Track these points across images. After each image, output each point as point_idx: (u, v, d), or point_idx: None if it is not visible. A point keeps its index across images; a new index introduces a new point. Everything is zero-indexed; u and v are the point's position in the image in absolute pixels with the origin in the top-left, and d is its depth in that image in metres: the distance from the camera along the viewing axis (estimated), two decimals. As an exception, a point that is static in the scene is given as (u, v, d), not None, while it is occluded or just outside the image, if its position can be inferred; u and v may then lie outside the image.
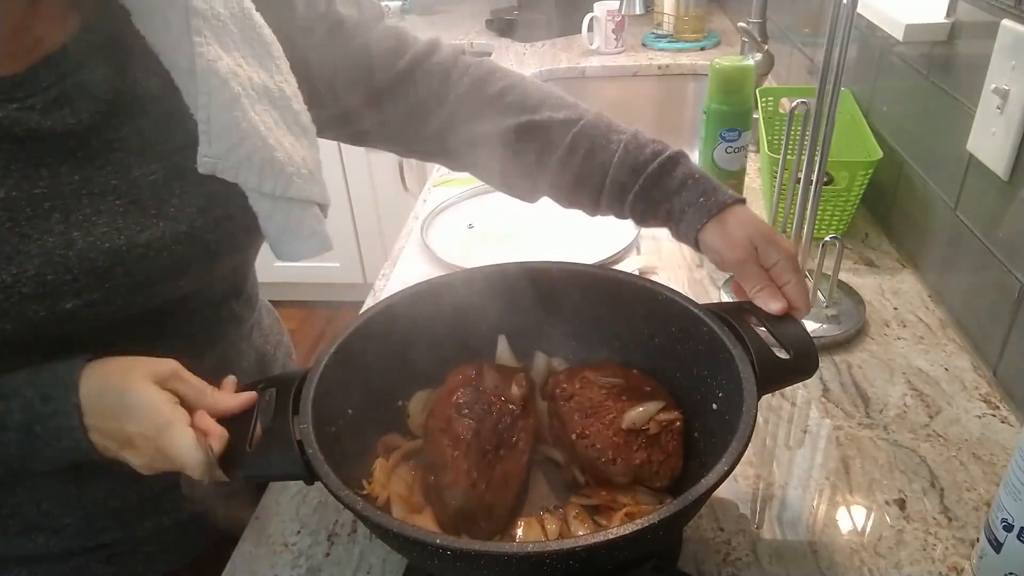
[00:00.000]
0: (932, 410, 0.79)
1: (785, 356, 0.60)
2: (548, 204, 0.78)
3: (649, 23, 2.25)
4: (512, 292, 0.70)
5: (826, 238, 0.87)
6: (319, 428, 0.54)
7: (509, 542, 0.58)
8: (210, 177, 0.62)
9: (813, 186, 0.86)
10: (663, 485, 0.61)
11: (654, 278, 0.85)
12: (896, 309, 0.95)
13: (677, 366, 0.67)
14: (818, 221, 1.04)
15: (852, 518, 0.67)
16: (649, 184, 0.68)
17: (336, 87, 0.72)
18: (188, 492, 0.58)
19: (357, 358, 0.63)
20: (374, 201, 2.63)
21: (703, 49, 2.05)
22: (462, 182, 1.31)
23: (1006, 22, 0.77)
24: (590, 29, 2.06)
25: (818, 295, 0.92)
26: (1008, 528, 0.56)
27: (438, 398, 0.65)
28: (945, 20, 0.91)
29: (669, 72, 1.98)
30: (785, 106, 1.28)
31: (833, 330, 0.89)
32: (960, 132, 0.86)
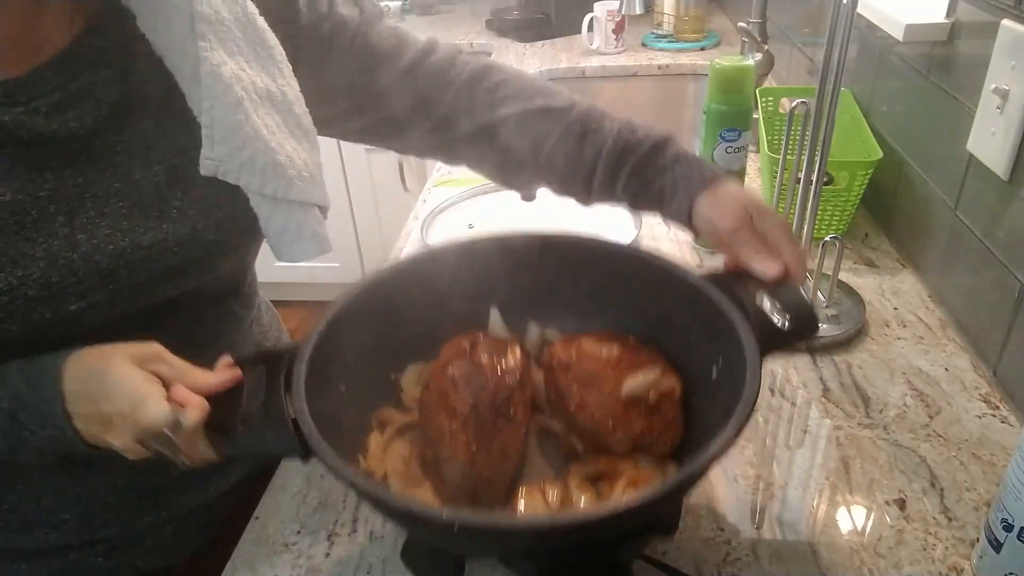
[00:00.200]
0: (932, 410, 0.79)
1: (784, 321, 0.59)
2: (548, 204, 0.78)
3: (649, 23, 2.25)
4: (504, 263, 0.69)
5: (826, 238, 0.87)
6: (312, 404, 0.52)
7: (512, 513, 0.57)
8: (212, 179, 0.62)
9: (813, 186, 0.86)
10: (664, 452, 0.61)
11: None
12: (896, 309, 0.95)
13: (674, 334, 0.66)
14: (818, 221, 1.04)
15: (852, 518, 0.67)
16: (642, 163, 0.69)
17: (338, 87, 0.72)
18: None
19: (348, 333, 0.61)
20: (374, 201, 2.63)
21: (703, 49, 2.05)
22: (462, 182, 1.31)
23: (1006, 22, 0.77)
24: (590, 29, 2.06)
25: (818, 295, 0.92)
26: (1008, 528, 0.56)
27: (433, 371, 0.63)
28: (945, 20, 0.91)
29: (669, 72, 1.98)
30: (785, 106, 1.28)
31: (833, 330, 0.89)
32: (960, 132, 0.86)
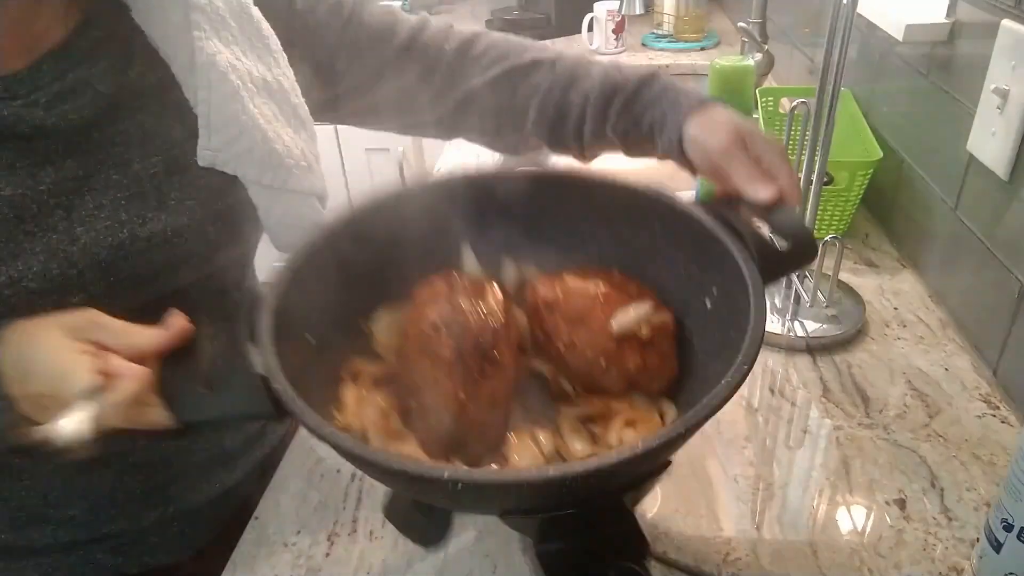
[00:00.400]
0: (932, 410, 0.79)
1: (782, 246, 0.56)
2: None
3: (649, 23, 2.24)
4: (475, 200, 0.64)
5: (826, 238, 0.87)
6: (281, 359, 0.48)
7: (505, 462, 0.54)
8: (210, 170, 0.62)
9: (813, 186, 0.86)
10: (659, 389, 0.58)
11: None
12: (896, 309, 0.95)
13: (662, 265, 0.62)
14: (818, 221, 1.04)
15: (852, 518, 0.67)
16: (629, 100, 0.68)
17: (335, 68, 0.72)
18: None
19: (313, 279, 0.56)
20: (374, 201, 2.63)
21: (703, 49, 2.05)
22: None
23: (1006, 22, 0.77)
24: (590, 29, 2.06)
25: (818, 295, 0.92)
26: (1008, 528, 0.56)
27: (410, 317, 0.59)
28: (945, 20, 0.91)
29: (669, 72, 1.97)
30: (785, 106, 1.28)
31: (833, 330, 0.89)
32: (960, 132, 0.86)
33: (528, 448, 0.55)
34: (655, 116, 0.66)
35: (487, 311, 0.57)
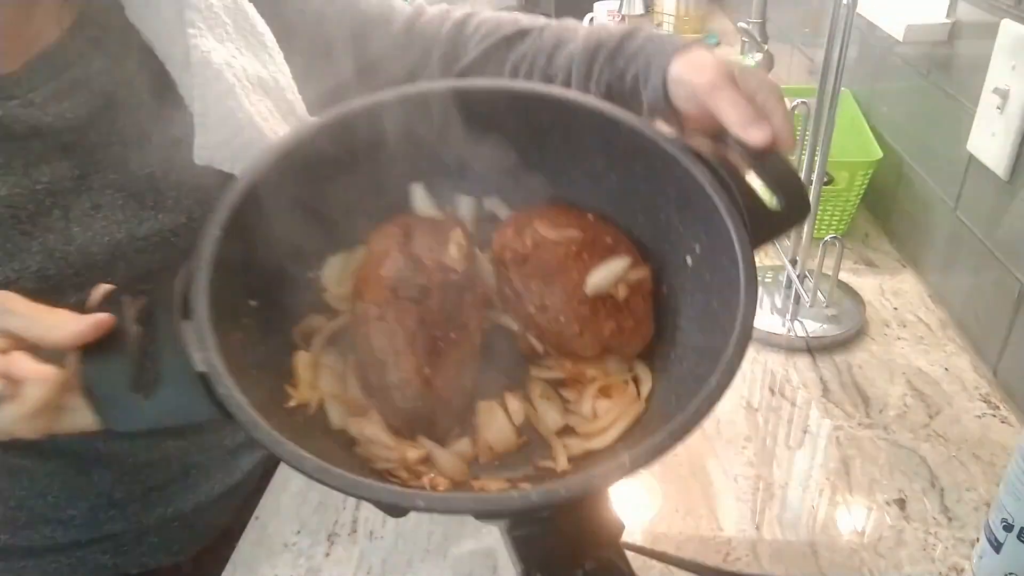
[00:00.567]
0: (932, 410, 0.79)
1: (773, 201, 0.50)
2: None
3: (649, 23, 2.25)
4: (427, 122, 0.55)
5: (826, 238, 0.87)
6: (222, 341, 0.41)
7: (472, 433, 0.50)
8: (207, 168, 0.62)
9: (813, 186, 0.86)
10: (634, 353, 0.54)
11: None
12: (896, 309, 0.95)
13: (640, 209, 0.55)
14: (818, 221, 1.04)
15: (852, 518, 0.67)
16: (613, 54, 0.66)
17: (332, 58, 0.72)
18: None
19: (249, 234, 0.48)
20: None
21: (703, 49, 2.05)
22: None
23: (1006, 22, 0.77)
24: (590, 29, 2.06)
25: (818, 295, 0.92)
26: (1008, 528, 0.56)
27: (363, 273, 0.52)
28: (945, 20, 0.91)
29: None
30: (785, 106, 1.28)
31: (833, 330, 0.89)
32: (960, 132, 0.86)
33: (497, 417, 0.51)
34: (639, 66, 0.63)
35: (449, 264, 0.52)
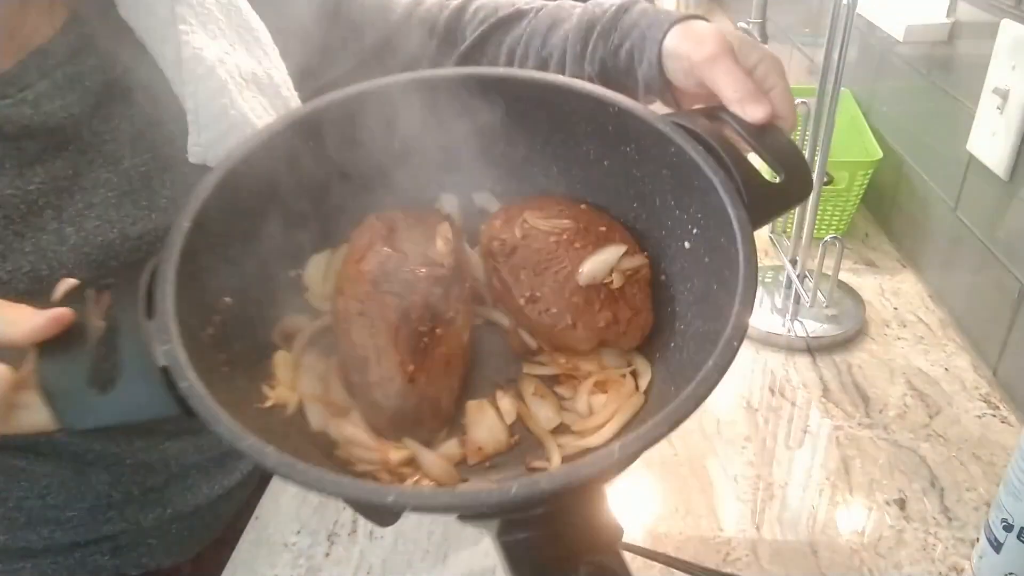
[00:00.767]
0: (932, 410, 0.79)
1: (773, 177, 0.48)
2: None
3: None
4: (412, 113, 0.54)
5: (826, 238, 0.87)
6: (189, 336, 0.39)
7: (461, 434, 0.48)
8: (201, 167, 0.62)
9: (813, 186, 0.86)
10: (631, 344, 0.51)
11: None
12: (896, 309, 0.95)
13: (635, 196, 0.53)
14: (818, 221, 1.04)
15: (852, 518, 0.67)
16: (607, 29, 0.64)
17: (330, 51, 0.72)
18: None
19: (226, 228, 0.46)
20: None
21: (703, 49, 2.05)
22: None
23: (1006, 22, 0.77)
24: (590, 29, 2.06)
25: (818, 295, 0.92)
26: (1008, 528, 0.56)
27: (345, 269, 0.50)
28: (945, 20, 0.91)
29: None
30: (785, 106, 1.28)
31: (833, 330, 0.89)
32: (960, 132, 0.86)
33: (488, 416, 0.49)
34: (633, 40, 0.61)
35: (435, 258, 0.50)
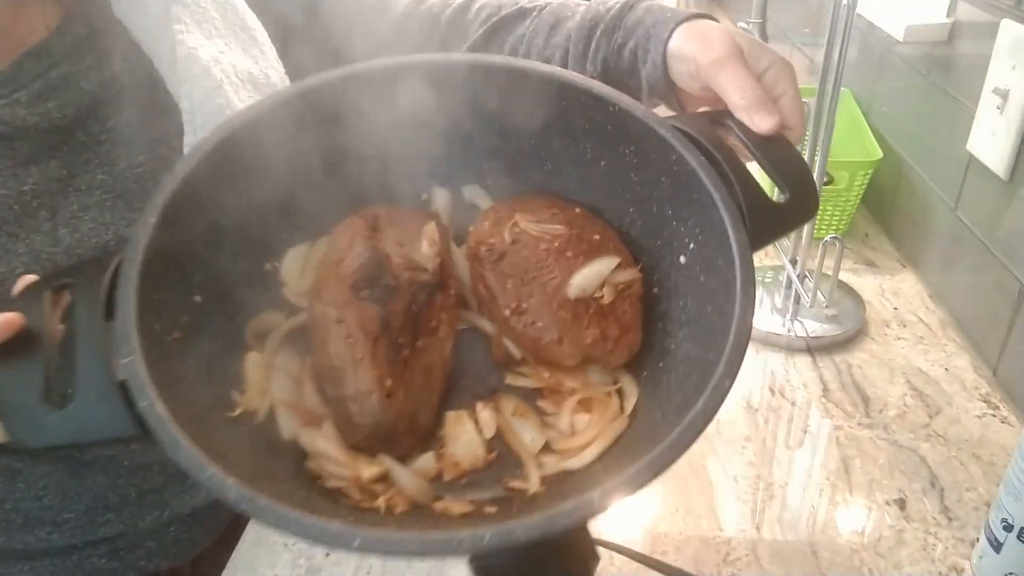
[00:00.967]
0: (932, 410, 0.79)
1: (779, 194, 0.45)
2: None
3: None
4: (399, 100, 0.50)
5: (826, 238, 0.87)
6: (153, 344, 0.36)
7: (439, 447, 0.45)
8: None
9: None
10: (618, 363, 0.48)
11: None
12: (896, 309, 0.95)
13: (631, 200, 0.50)
14: (818, 221, 1.04)
15: (852, 518, 0.67)
16: (611, 27, 0.61)
17: (330, 50, 0.72)
18: None
19: (196, 219, 0.43)
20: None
21: (703, 49, 2.05)
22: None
23: (1006, 22, 0.77)
24: (590, 29, 2.05)
25: (818, 295, 0.92)
26: (1008, 528, 0.56)
27: (323, 271, 0.47)
28: (945, 20, 0.91)
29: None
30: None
31: (833, 330, 0.89)
32: (960, 132, 0.86)
33: (466, 431, 0.46)
34: (637, 39, 0.58)
35: (419, 262, 0.47)
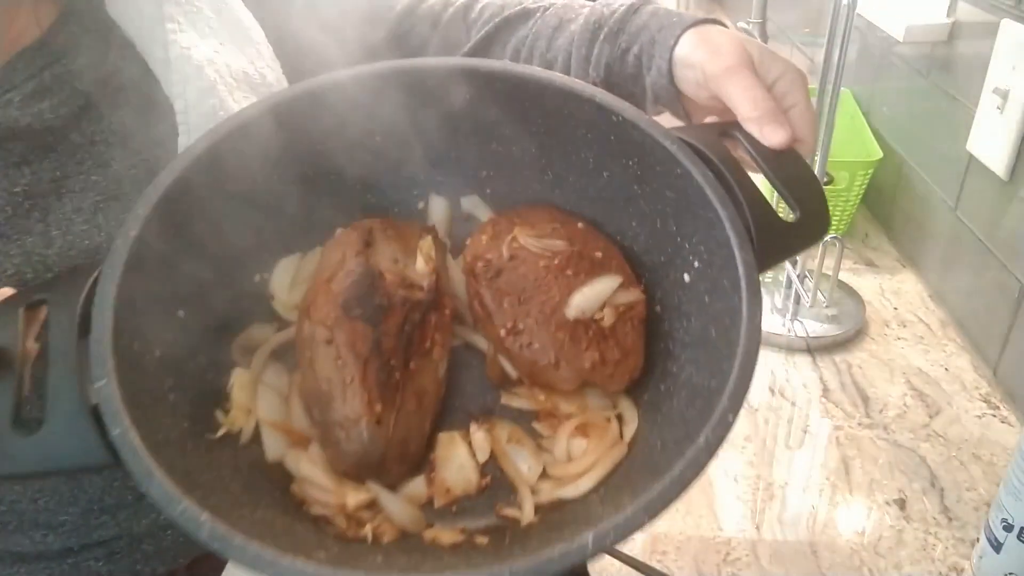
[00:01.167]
0: (932, 410, 0.79)
1: (789, 213, 0.44)
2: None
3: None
4: (393, 106, 0.48)
5: (826, 238, 0.87)
6: (131, 364, 0.35)
7: (430, 471, 0.43)
8: None
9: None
10: (618, 388, 0.46)
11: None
12: (896, 309, 0.95)
13: (635, 214, 0.48)
14: (818, 221, 1.04)
15: (852, 518, 0.67)
16: (615, 30, 0.59)
17: (328, 49, 0.71)
18: None
19: (181, 229, 0.41)
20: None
21: (703, 49, 2.05)
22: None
23: (1006, 22, 0.77)
24: (590, 29, 2.05)
25: (818, 295, 0.92)
26: (1008, 528, 0.56)
27: (314, 287, 0.45)
28: (945, 20, 0.91)
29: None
30: (785, 106, 1.28)
31: (833, 330, 0.89)
32: (960, 132, 0.86)
33: (459, 455, 0.44)
34: (642, 44, 0.56)
35: (414, 279, 0.45)
